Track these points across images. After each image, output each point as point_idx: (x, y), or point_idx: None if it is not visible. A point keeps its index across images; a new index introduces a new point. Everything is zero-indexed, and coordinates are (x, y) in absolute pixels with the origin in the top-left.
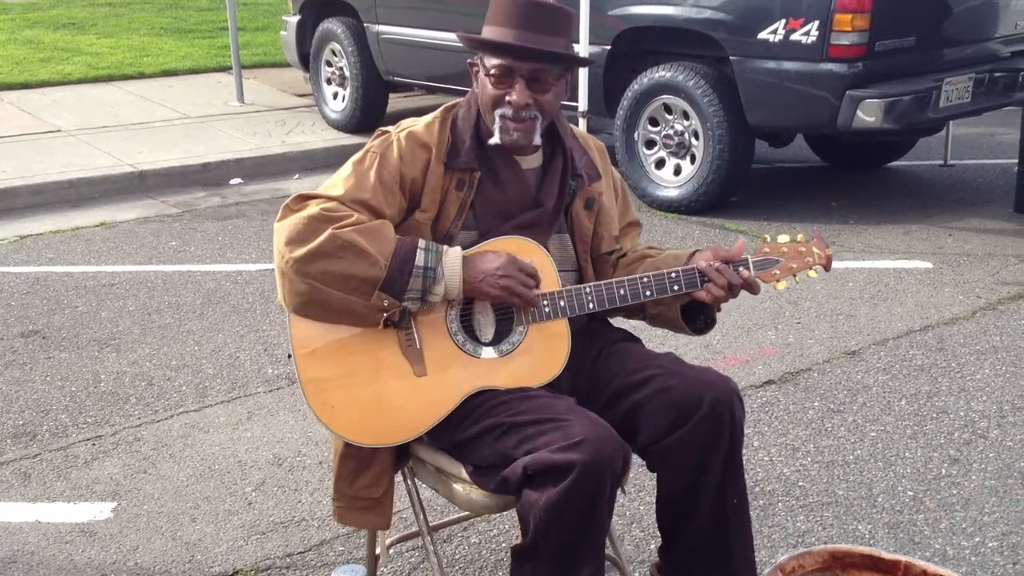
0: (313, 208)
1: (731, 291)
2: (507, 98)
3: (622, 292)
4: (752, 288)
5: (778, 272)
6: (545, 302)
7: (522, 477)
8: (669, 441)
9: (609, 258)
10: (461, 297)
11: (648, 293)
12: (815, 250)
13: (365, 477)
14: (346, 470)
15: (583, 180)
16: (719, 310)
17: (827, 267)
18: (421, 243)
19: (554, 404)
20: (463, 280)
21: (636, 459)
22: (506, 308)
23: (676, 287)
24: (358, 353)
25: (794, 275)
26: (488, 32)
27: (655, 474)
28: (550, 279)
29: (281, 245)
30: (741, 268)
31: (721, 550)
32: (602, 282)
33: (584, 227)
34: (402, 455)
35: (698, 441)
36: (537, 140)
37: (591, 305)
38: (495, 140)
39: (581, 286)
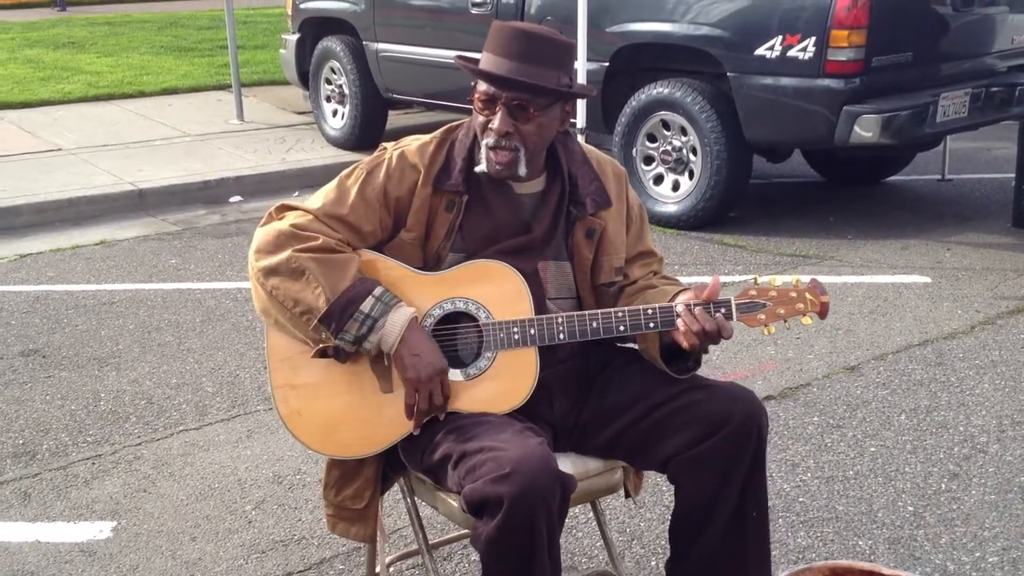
0: (286, 223)
1: (705, 337)
2: (489, 125)
3: (595, 325)
4: (724, 333)
5: (764, 317)
6: (515, 329)
7: (471, 507)
8: (695, 452)
9: (609, 289)
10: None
11: (622, 328)
12: (808, 296)
13: (349, 488)
14: (332, 478)
15: (584, 208)
16: (706, 351)
17: (822, 315)
18: (377, 291)
19: (500, 431)
20: (400, 343)
21: (648, 473)
22: (477, 331)
23: (651, 324)
24: (328, 365)
25: (784, 320)
26: (483, 58)
27: (672, 487)
28: (522, 307)
29: (251, 251)
30: (722, 310)
31: (736, 561)
32: (575, 313)
33: (583, 256)
34: (393, 471)
35: (725, 453)
36: (522, 171)
37: (561, 336)
38: (480, 168)
39: (554, 315)
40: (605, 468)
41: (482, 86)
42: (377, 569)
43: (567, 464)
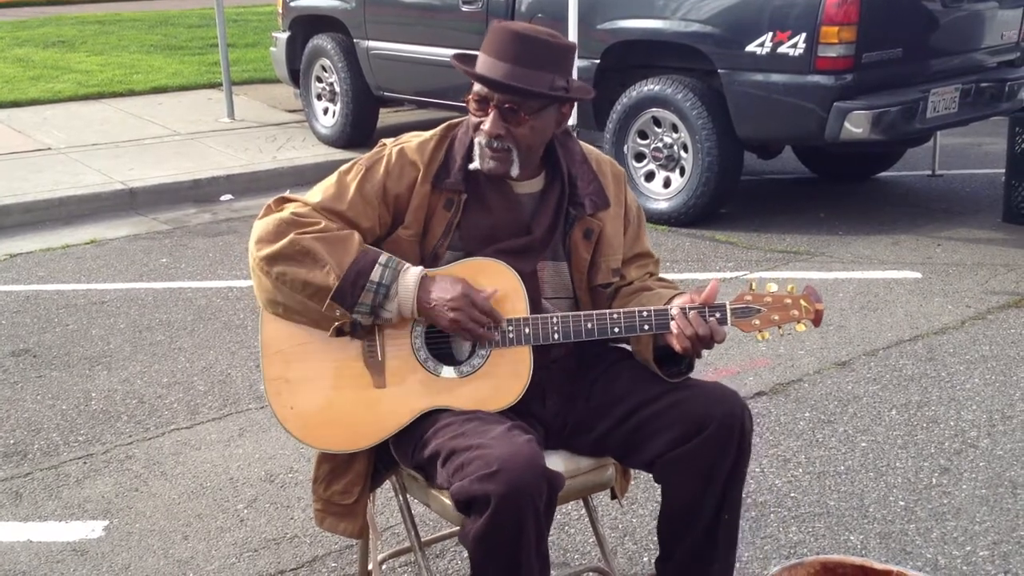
0: (286, 212)
1: (698, 341)
2: (481, 126)
3: (589, 326)
4: (717, 337)
5: (758, 322)
6: (510, 328)
7: (459, 505)
8: (679, 452)
9: (605, 290)
10: (416, 317)
11: (616, 330)
12: (803, 303)
13: (339, 483)
14: (322, 472)
15: (584, 209)
16: (699, 356)
17: (816, 322)
18: (382, 258)
19: (489, 429)
20: (417, 301)
21: (636, 472)
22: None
23: (646, 326)
24: (322, 359)
25: (778, 327)
26: (479, 59)
27: (659, 486)
28: (518, 306)
29: (252, 243)
30: (717, 314)
31: (706, 555)
32: (570, 314)
33: (581, 257)
34: (384, 467)
35: (707, 454)
36: (515, 172)
37: (556, 336)
38: (475, 165)
39: (549, 315)
40: (596, 465)
41: (475, 86)
42: (369, 567)
43: (558, 461)
